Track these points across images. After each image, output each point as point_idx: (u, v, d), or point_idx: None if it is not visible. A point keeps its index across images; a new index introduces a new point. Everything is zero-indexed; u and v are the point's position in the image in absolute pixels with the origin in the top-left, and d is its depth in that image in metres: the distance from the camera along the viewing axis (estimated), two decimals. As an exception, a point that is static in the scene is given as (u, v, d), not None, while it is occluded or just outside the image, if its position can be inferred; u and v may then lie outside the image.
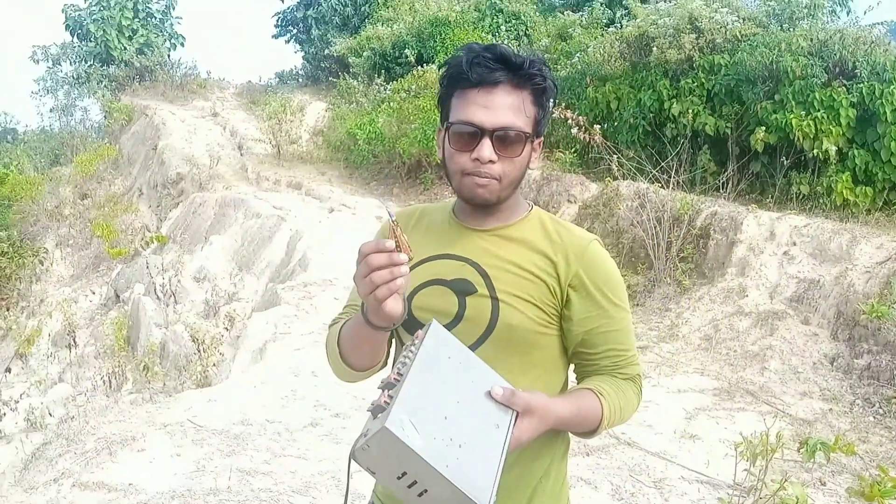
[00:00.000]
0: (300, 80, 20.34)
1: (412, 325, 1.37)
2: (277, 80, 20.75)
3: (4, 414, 6.17)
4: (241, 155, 14.25)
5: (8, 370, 9.05)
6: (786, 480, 3.15)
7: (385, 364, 1.45)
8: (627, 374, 1.41)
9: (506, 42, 13.49)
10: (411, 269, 1.35)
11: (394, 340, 1.47)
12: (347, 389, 4.54)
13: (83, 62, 20.37)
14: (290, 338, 5.50)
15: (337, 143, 13.64)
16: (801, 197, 7.53)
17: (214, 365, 6.69)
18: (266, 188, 12.08)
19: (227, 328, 7.40)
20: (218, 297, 9.05)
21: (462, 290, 1.37)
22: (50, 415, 6.34)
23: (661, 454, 3.91)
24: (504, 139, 1.33)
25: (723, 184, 7.92)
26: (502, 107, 1.33)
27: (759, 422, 3.76)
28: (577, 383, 1.45)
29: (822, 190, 7.43)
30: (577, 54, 10.90)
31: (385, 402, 1.06)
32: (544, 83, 1.36)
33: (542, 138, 1.43)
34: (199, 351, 7.07)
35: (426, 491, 1.05)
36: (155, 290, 9.64)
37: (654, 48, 9.20)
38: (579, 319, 1.37)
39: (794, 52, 7.85)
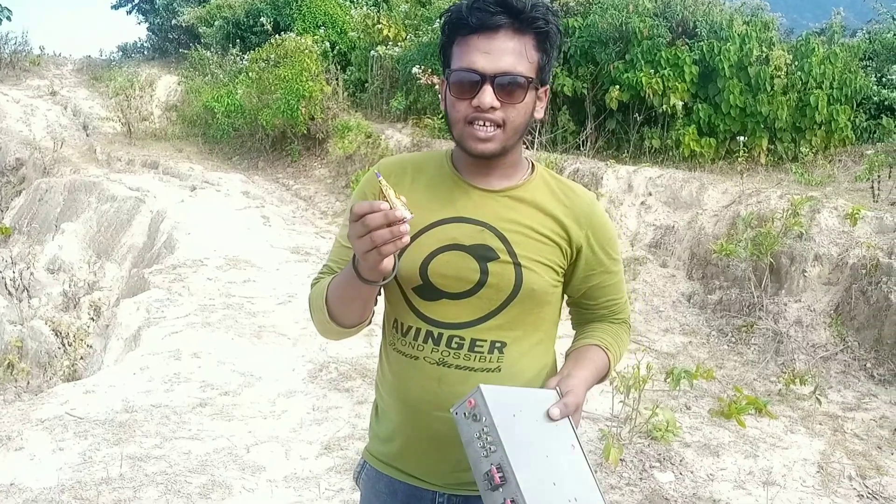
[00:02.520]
0: (146, 52, 19.16)
1: (429, 291, 1.37)
2: (121, 53, 19.43)
3: None
4: (88, 135, 13.33)
5: None
6: (657, 407, 3.45)
7: (370, 322, 1.42)
8: (621, 318, 1.54)
9: (364, 8, 13.37)
10: (422, 231, 1.37)
11: (380, 298, 1.45)
12: (233, 368, 4.47)
13: None
14: (166, 322, 5.30)
15: (193, 117, 13.05)
16: (653, 150, 8.04)
17: (82, 358, 6.34)
18: (119, 169, 11.39)
19: (93, 318, 7.00)
20: (77, 287, 8.50)
21: (483, 255, 1.36)
22: None
23: (546, 397, 4.14)
24: (505, 85, 1.30)
25: (582, 142, 8.31)
26: (503, 51, 1.30)
27: (630, 358, 4.05)
28: (575, 328, 1.54)
29: (672, 143, 7.97)
30: (438, 20, 10.96)
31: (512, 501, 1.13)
32: (547, 27, 1.33)
33: (548, 87, 1.40)
34: (63, 345, 6.66)
35: None
36: (5, 285, 8.93)
37: (512, 12, 9.43)
38: (584, 276, 1.45)
39: (640, 14, 8.30)
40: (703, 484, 3.29)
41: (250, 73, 11.38)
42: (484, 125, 1.31)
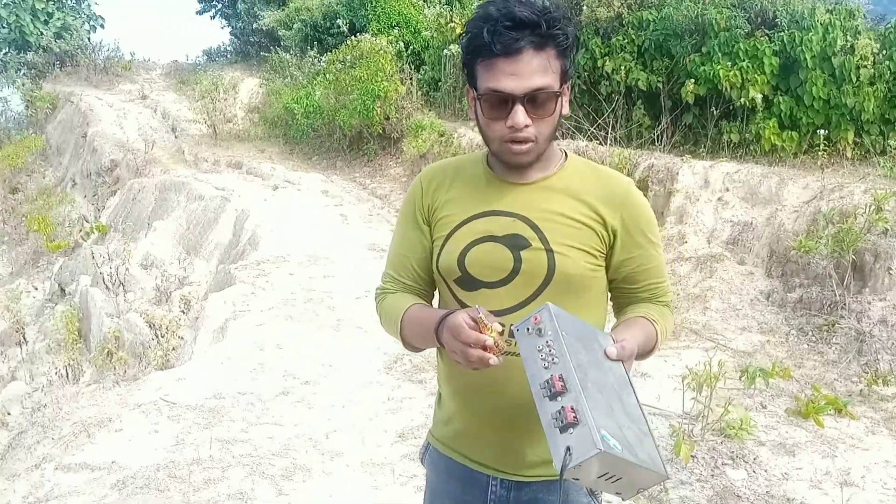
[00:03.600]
0: (229, 56, 19.87)
1: (468, 282, 1.45)
2: (206, 57, 20.23)
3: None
4: (176, 137, 13.97)
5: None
6: (729, 404, 3.43)
7: None
8: (664, 301, 1.57)
9: (437, 7, 13.51)
10: (458, 226, 1.48)
11: (436, 293, 1.58)
12: (314, 359, 4.67)
13: (-3, 50, 19.49)
14: (251, 314, 5.57)
15: (274, 118, 13.49)
16: (731, 145, 7.87)
17: (174, 349, 6.70)
18: (206, 169, 11.91)
19: (183, 311, 7.39)
20: (168, 282, 8.97)
21: (515, 244, 1.43)
22: (8, 413, 6.27)
23: (617, 393, 4.16)
24: (535, 100, 1.36)
25: (657, 137, 8.21)
26: (529, 71, 1.34)
27: (704, 357, 4.04)
28: (616, 311, 1.58)
29: (751, 137, 7.78)
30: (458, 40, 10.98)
31: (572, 418, 1.13)
32: (567, 42, 1.38)
33: (570, 81, 1.45)
34: (157, 336, 7.05)
35: (621, 478, 1.19)
36: (103, 280, 9.49)
37: (585, 7, 9.37)
38: (623, 260, 1.49)
39: (717, 5, 8.13)
40: (777, 483, 3.26)
41: (328, 75, 11.69)
42: (519, 143, 1.39)
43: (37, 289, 11.03)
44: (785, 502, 3.11)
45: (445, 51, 11.35)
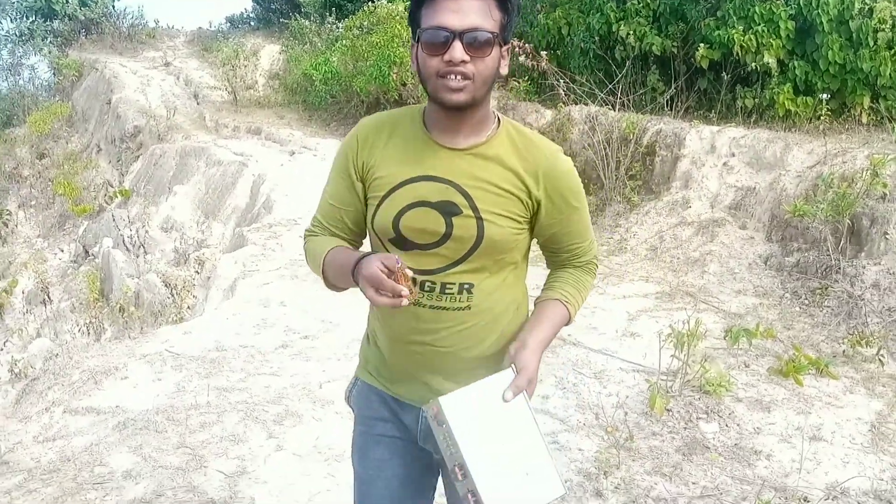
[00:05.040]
0: (252, 23, 19.94)
1: (402, 242, 1.55)
2: (228, 24, 20.33)
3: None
4: (198, 104, 14.15)
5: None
6: (705, 361, 3.52)
7: None
8: (585, 260, 1.68)
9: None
10: (394, 189, 1.54)
11: (368, 241, 1.69)
12: (315, 315, 4.84)
13: (24, 18, 19.72)
14: (259, 274, 5.75)
15: (293, 85, 13.59)
16: (745, 110, 7.81)
17: (189, 307, 6.94)
18: (226, 135, 12.09)
19: (197, 271, 7.61)
20: (187, 244, 9.22)
21: (448, 211, 1.51)
22: (32, 367, 6.57)
23: (603, 350, 4.28)
24: (474, 40, 1.41)
25: (669, 102, 8.17)
26: (470, 10, 1.41)
27: (683, 314, 4.12)
28: (548, 266, 1.72)
29: (766, 102, 7.71)
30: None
31: (472, 502, 1.37)
32: None
33: (510, 45, 1.52)
34: (172, 295, 7.29)
35: None
36: (124, 242, 9.77)
37: (600, -29, 9.28)
38: (545, 225, 1.59)
39: (733, -32, 8.01)
40: (748, 436, 3.36)
41: (345, 41, 11.73)
42: (455, 77, 1.42)
43: (62, 251, 11.38)
44: (752, 454, 3.21)
45: (462, 16, 11.32)
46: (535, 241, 1.67)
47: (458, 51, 1.40)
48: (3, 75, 19.74)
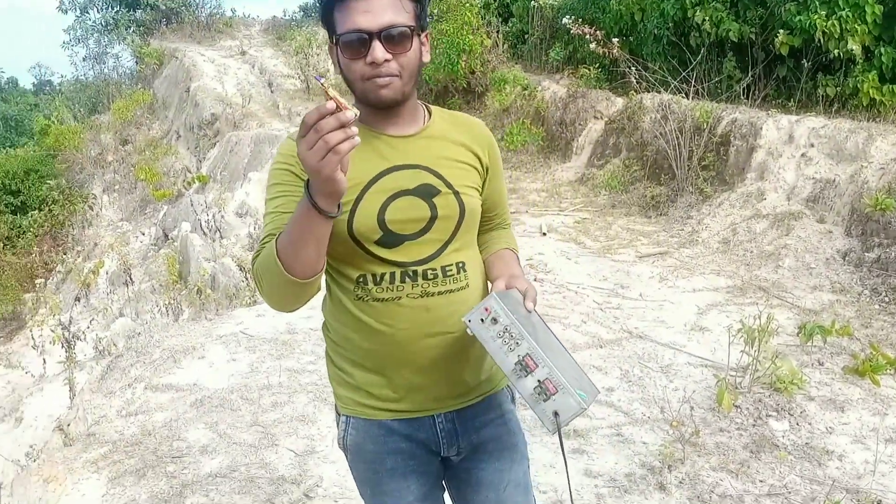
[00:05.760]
0: (325, 12, 20.26)
1: (391, 238, 1.47)
2: (302, 13, 20.72)
3: (76, 342, 6.74)
4: (272, 92, 14.49)
5: (78, 299, 9.70)
6: (776, 357, 3.44)
7: (320, 287, 1.44)
8: (509, 223, 1.80)
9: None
10: (366, 188, 1.47)
11: (323, 267, 1.45)
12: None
13: (110, 8, 20.56)
14: (329, 260, 5.89)
15: (364, 73, 13.75)
16: (827, 99, 7.52)
17: (262, 290, 7.16)
18: (298, 123, 12.34)
19: (270, 256, 7.82)
20: (260, 229, 9.49)
21: (428, 193, 1.50)
22: (114, 345, 6.91)
23: (671, 344, 4.22)
24: (392, 37, 1.40)
25: (745, 90, 7.93)
26: (382, 8, 1.40)
27: (754, 309, 4.02)
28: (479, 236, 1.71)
29: (849, 91, 7.40)
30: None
31: (553, 389, 1.37)
32: None
33: (428, 32, 1.51)
34: (246, 279, 7.54)
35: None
36: (201, 226, 10.12)
37: (676, -44, 9.05)
38: (487, 194, 1.65)
39: (817, -49, 7.70)
40: (820, 436, 3.27)
41: (415, 29, 11.79)
42: (382, 77, 1.41)
43: (143, 234, 11.88)
44: (823, 454, 3.13)
45: (533, 2, 11.24)
46: None
47: (378, 51, 1.39)
48: (90, 64, 20.67)
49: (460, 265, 1.55)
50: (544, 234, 6.65)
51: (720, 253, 5.81)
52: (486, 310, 1.39)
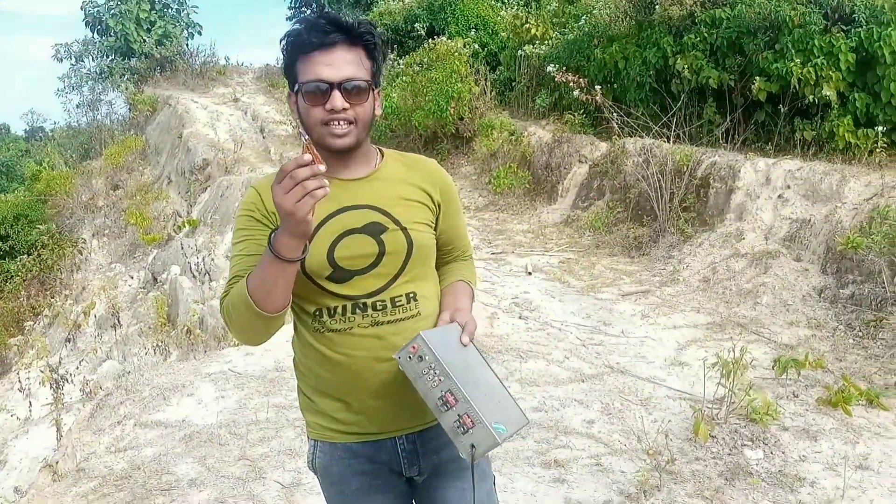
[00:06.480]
0: (316, 60, 20.64)
1: (341, 274, 1.60)
2: (294, 62, 21.08)
3: (64, 384, 6.75)
4: (264, 137, 14.72)
5: (68, 340, 9.69)
6: (750, 388, 3.55)
7: (284, 321, 1.59)
8: (468, 255, 1.91)
9: (514, 9, 13.74)
10: (317, 228, 1.58)
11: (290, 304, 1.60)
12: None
13: (105, 57, 20.92)
14: (317, 300, 5.97)
15: (355, 120, 13.98)
16: (804, 143, 7.74)
17: (250, 331, 7.22)
18: (288, 168, 12.50)
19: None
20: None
21: (376, 230, 1.62)
22: (101, 388, 6.94)
23: (651, 379, 4.32)
24: (350, 89, 1.55)
25: (725, 134, 8.17)
26: (343, 62, 1.55)
27: (729, 343, 4.14)
28: (437, 268, 1.82)
29: (825, 135, 7.63)
30: (584, 16, 11.12)
31: (469, 423, 1.47)
32: (374, 40, 1.61)
33: (381, 89, 1.66)
34: (235, 321, 7.61)
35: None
36: (190, 269, 10.19)
37: (657, 6, 9.38)
38: (442, 229, 1.77)
39: (791, 1, 8.02)
40: (793, 464, 3.35)
41: (405, 77, 12.09)
42: (339, 124, 1.55)
43: (132, 277, 11.93)
44: (795, 480, 3.21)
45: (520, 51, 11.57)
46: None
47: (338, 100, 1.53)
48: (83, 110, 20.91)
49: (411, 295, 1.66)
50: (529, 273, 6.78)
51: (700, 291, 5.95)
52: (414, 348, 1.51)
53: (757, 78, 7.88)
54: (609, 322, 5.39)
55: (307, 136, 1.44)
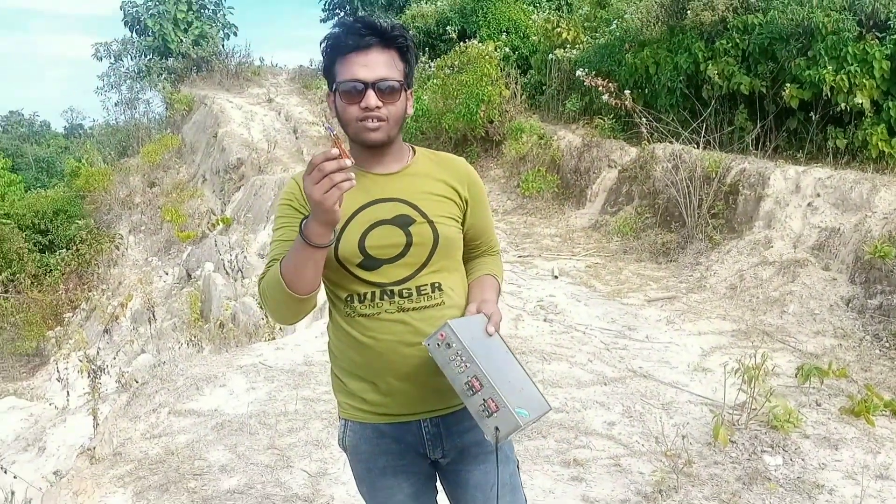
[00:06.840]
0: (350, 62, 20.85)
1: (370, 263, 1.71)
2: (328, 63, 21.30)
3: (101, 374, 6.97)
4: (297, 138, 14.94)
5: (106, 331, 9.96)
6: (770, 394, 3.58)
7: (316, 303, 1.72)
8: (496, 249, 1.99)
9: (546, 13, 13.79)
10: (350, 218, 1.71)
11: (324, 285, 1.76)
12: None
13: (143, 56, 21.38)
14: (346, 298, 6.09)
15: (386, 121, 14.13)
16: (836, 152, 7.69)
17: (281, 328, 7.38)
18: (321, 169, 12.67)
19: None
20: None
21: (404, 222, 1.73)
22: (136, 381, 7.14)
23: (674, 384, 4.36)
24: (384, 89, 1.66)
25: (755, 141, 8.14)
26: (378, 63, 1.67)
27: (753, 350, 4.16)
28: (464, 261, 1.92)
29: (858, 143, 7.56)
30: (615, 21, 11.12)
31: (494, 407, 1.55)
32: (406, 43, 1.72)
33: (413, 90, 1.77)
34: (266, 317, 7.77)
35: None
36: (223, 266, 10.41)
37: (689, 11, 9.36)
38: (470, 224, 1.87)
39: (825, 8, 7.97)
40: (812, 471, 3.38)
41: (436, 80, 12.20)
42: (372, 121, 1.67)
43: (167, 273, 12.20)
44: (814, 487, 3.24)
45: (551, 55, 11.61)
46: None
47: (372, 98, 1.65)
48: (122, 109, 21.40)
49: (436, 285, 1.77)
50: (556, 277, 6.83)
51: (727, 298, 5.95)
52: (442, 336, 1.61)
53: (789, 85, 7.84)
54: (634, 327, 5.43)
55: (334, 132, 1.54)
